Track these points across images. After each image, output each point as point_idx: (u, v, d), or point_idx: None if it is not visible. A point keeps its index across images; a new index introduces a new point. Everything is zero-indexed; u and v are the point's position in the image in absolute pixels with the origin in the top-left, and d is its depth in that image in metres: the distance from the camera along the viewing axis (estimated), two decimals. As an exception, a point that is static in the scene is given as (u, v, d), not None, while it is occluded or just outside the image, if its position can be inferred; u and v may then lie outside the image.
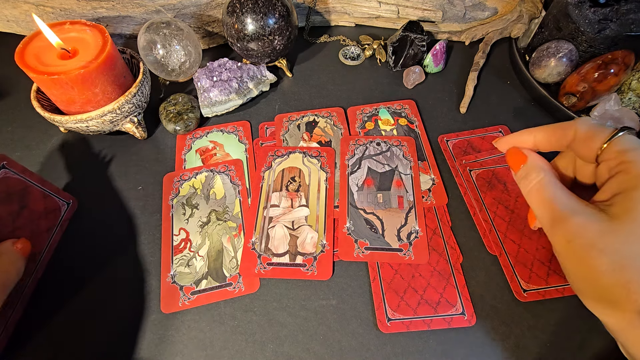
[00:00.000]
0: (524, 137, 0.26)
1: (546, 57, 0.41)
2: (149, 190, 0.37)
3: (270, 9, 0.39)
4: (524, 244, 0.33)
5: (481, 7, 0.50)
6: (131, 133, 0.39)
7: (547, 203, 0.23)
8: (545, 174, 0.24)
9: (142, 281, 0.32)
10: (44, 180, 0.32)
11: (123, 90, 0.37)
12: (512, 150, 0.26)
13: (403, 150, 0.39)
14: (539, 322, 0.30)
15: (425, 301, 0.31)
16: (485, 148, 0.40)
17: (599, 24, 0.38)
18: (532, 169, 0.24)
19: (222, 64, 0.43)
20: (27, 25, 0.47)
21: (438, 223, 0.35)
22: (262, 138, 0.41)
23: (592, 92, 0.38)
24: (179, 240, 0.34)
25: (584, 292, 0.22)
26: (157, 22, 0.39)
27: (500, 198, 0.36)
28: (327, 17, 0.52)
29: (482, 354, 0.29)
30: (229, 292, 0.31)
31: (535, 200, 0.23)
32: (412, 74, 0.45)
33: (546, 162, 0.25)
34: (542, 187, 0.23)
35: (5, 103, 0.44)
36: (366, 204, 0.35)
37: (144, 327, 0.30)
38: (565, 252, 0.21)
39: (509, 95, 0.45)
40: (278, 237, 0.34)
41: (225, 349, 0.29)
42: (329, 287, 0.32)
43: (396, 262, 0.32)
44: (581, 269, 0.21)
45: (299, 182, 0.37)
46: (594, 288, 0.21)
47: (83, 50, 0.34)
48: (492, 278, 0.32)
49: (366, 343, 0.29)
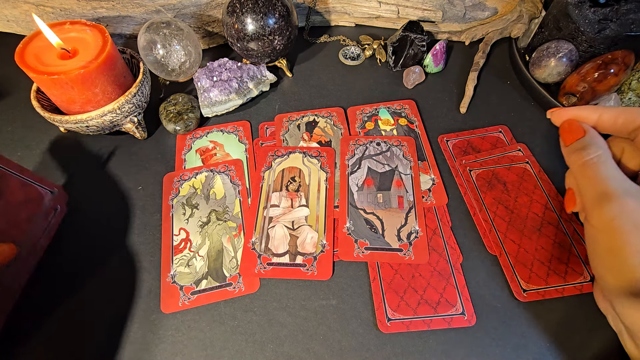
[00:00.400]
0: (587, 112, 0.26)
1: (546, 57, 0.41)
2: (149, 190, 0.37)
3: (270, 9, 0.39)
4: (524, 244, 0.33)
5: (481, 7, 0.50)
6: (131, 133, 0.39)
7: (601, 178, 0.23)
8: (604, 151, 0.24)
9: (142, 281, 0.32)
10: (22, 169, 0.31)
11: (123, 90, 0.37)
12: (570, 121, 0.26)
13: (403, 150, 0.39)
14: (539, 322, 0.30)
15: (425, 301, 0.31)
16: (485, 148, 0.40)
17: (599, 24, 0.38)
18: (592, 143, 0.25)
19: (222, 64, 0.43)
20: (27, 25, 0.47)
21: (438, 223, 0.35)
22: (262, 138, 0.41)
23: (592, 92, 0.38)
24: (179, 240, 0.34)
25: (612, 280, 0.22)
26: (157, 22, 0.39)
27: (500, 198, 0.36)
28: (327, 17, 0.52)
29: (482, 354, 0.29)
30: (229, 292, 0.31)
31: (590, 174, 0.24)
32: (412, 74, 0.45)
33: (604, 141, 0.25)
34: (600, 163, 0.24)
35: (5, 103, 0.44)
36: (366, 204, 0.35)
37: (144, 327, 0.30)
38: (606, 230, 0.22)
39: (509, 95, 0.45)
40: (278, 237, 0.34)
41: (225, 349, 0.29)
42: (329, 287, 0.32)
43: (396, 262, 0.32)
44: (617, 252, 0.21)
45: (299, 182, 0.37)
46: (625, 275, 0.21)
47: (83, 50, 0.34)
48: (492, 278, 0.32)
49: (366, 343, 0.29)
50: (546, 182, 0.37)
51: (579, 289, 0.31)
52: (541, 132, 0.41)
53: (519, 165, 0.38)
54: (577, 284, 0.31)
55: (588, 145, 0.25)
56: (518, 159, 0.38)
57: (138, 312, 0.31)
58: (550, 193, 0.36)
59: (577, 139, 0.25)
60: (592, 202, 0.23)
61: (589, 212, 0.23)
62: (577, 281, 0.31)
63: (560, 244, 0.33)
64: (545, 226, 0.34)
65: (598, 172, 0.23)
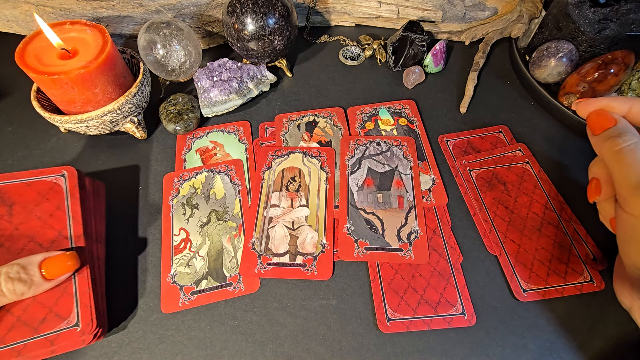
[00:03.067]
0: (617, 103, 0.26)
1: (546, 57, 0.41)
2: (149, 190, 0.37)
3: (270, 9, 0.39)
4: (524, 244, 0.33)
5: (481, 7, 0.50)
6: (131, 133, 0.39)
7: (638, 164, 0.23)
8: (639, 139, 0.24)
9: (142, 281, 0.32)
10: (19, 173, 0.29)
11: (123, 90, 0.37)
12: (599, 111, 0.26)
13: (403, 150, 0.39)
14: (539, 322, 0.30)
15: (425, 301, 0.31)
16: (485, 148, 0.40)
17: (599, 24, 0.38)
18: (627, 131, 0.24)
19: (222, 64, 0.43)
20: (27, 25, 0.47)
21: (438, 223, 0.35)
22: (262, 138, 0.41)
23: (592, 92, 0.38)
24: (179, 240, 0.34)
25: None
26: (157, 22, 0.39)
27: (500, 198, 0.36)
28: (327, 17, 0.52)
29: (482, 354, 0.29)
30: (229, 292, 0.31)
31: (628, 160, 0.23)
32: (412, 74, 0.45)
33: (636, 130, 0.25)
34: (637, 150, 0.23)
35: (5, 103, 0.44)
36: (366, 204, 0.35)
37: (144, 327, 0.30)
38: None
39: (509, 95, 0.45)
40: (278, 237, 0.34)
41: (225, 349, 0.29)
42: (329, 287, 0.32)
43: (396, 262, 0.32)
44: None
45: (299, 182, 0.37)
46: None
47: (83, 50, 0.34)
48: (492, 278, 0.32)
49: (366, 343, 0.29)
50: (546, 182, 0.37)
51: (579, 289, 0.31)
52: (541, 132, 0.41)
53: (519, 165, 0.38)
54: (577, 284, 0.31)
55: (623, 132, 0.24)
56: (518, 159, 0.38)
57: (138, 312, 0.31)
58: (550, 193, 0.36)
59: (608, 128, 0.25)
60: (631, 190, 0.23)
61: (627, 200, 0.23)
62: (577, 281, 0.31)
63: (560, 244, 0.33)
64: (545, 226, 0.34)
65: (637, 158, 0.23)
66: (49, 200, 0.28)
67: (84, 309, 0.25)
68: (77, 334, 0.24)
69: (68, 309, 0.25)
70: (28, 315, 0.25)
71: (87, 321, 0.25)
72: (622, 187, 0.23)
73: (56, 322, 0.25)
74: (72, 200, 0.28)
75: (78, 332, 0.24)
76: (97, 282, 0.28)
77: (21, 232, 0.26)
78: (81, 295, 0.26)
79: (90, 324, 0.25)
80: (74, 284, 0.26)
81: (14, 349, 0.23)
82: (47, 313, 0.25)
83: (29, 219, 0.27)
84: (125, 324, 0.30)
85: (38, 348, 0.24)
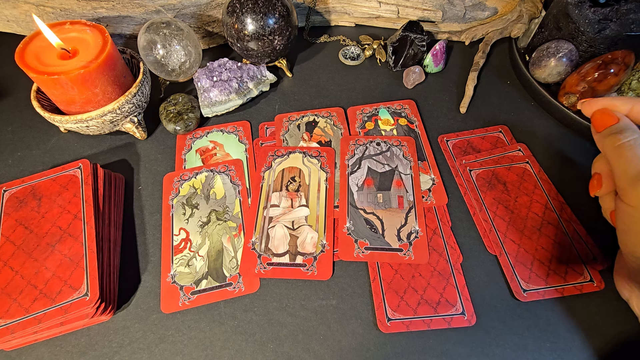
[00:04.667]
0: (619, 102, 0.28)
1: (546, 57, 0.41)
2: (149, 190, 0.37)
3: (270, 9, 0.39)
4: (524, 244, 0.33)
5: (481, 7, 0.50)
6: (131, 133, 0.39)
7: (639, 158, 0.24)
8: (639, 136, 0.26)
9: (142, 281, 0.32)
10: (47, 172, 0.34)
11: (123, 90, 0.37)
12: (603, 110, 0.28)
13: (403, 150, 0.39)
14: (539, 322, 0.30)
15: (425, 301, 0.31)
16: (485, 148, 0.40)
17: (599, 24, 0.38)
18: (628, 128, 0.26)
19: (222, 64, 0.43)
20: (27, 25, 0.47)
21: (438, 223, 0.35)
22: (262, 138, 0.41)
23: (592, 92, 0.38)
24: (179, 240, 0.34)
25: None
26: (157, 22, 0.39)
27: (500, 198, 0.36)
28: (327, 17, 0.52)
29: (482, 354, 0.29)
30: (229, 292, 0.31)
31: (627, 155, 0.25)
32: (412, 74, 0.45)
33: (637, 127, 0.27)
34: (636, 145, 0.25)
35: (6, 103, 0.44)
36: (366, 204, 0.35)
37: (144, 327, 0.30)
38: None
39: (509, 95, 0.45)
40: (278, 237, 0.34)
41: (225, 349, 0.29)
42: (329, 287, 0.32)
43: (396, 262, 0.32)
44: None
45: (299, 182, 0.37)
46: None
47: (83, 50, 0.34)
48: (492, 278, 0.32)
49: (366, 343, 0.29)
50: (546, 182, 0.37)
51: (579, 289, 0.31)
52: (541, 132, 0.41)
53: (519, 165, 0.38)
54: (577, 284, 0.31)
55: (624, 129, 0.26)
56: (518, 159, 0.38)
57: (138, 312, 0.31)
58: (550, 193, 0.36)
59: (610, 125, 0.27)
60: (629, 182, 0.24)
61: (626, 192, 0.25)
62: (577, 281, 0.31)
63: (560, 244, 0.33)
64: (545, 226, 0.34)
65: (635, 153, 0.25)
66: (68, 190, 0.33)
67: (92, 280, 0.29)
68: (87, 303, 0.28)
69: (79, 281, 0.29)
70: (48, 288, 0.28)
71: (95, 291, 0.28)
72: (621, 179, 0.25)
73: (69, 292, 0.28)
74: (85, 187, 0.33)
75: (87, 301, 0.28)
76: (112, 263, 0.32)
77: (46, 219, 0.31)
78: (90, 269, 0.29)
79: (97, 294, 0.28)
80: (85, 260, 0.29)
81: (36, 317, 0.27)
82: (62, 285, 0.29)
83: (52, 207, 0.32)
84: (125, 323, 0.30)
85: (54, 316, 0.27)
